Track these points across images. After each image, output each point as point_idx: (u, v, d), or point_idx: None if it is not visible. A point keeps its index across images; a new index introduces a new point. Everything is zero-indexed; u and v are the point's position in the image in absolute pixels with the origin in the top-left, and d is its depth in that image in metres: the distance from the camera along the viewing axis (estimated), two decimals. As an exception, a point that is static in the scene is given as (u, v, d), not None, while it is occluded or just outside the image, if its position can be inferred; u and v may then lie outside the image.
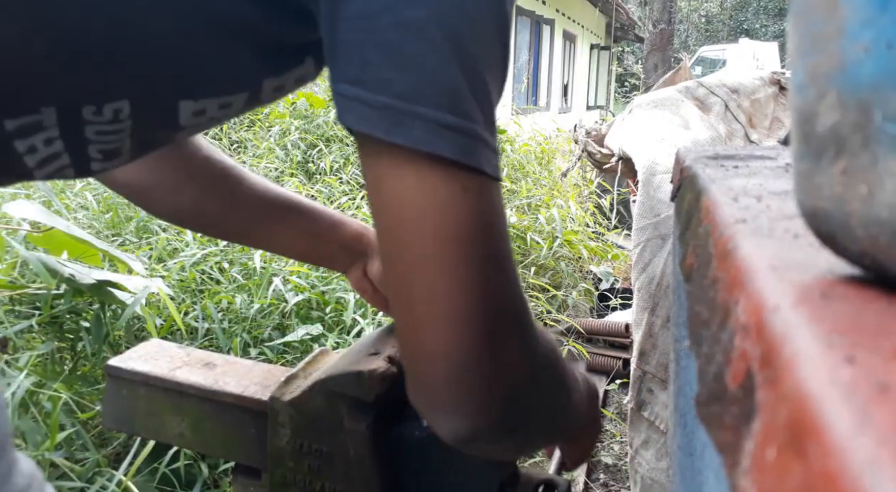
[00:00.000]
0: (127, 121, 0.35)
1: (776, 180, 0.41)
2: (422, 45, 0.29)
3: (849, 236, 0.20)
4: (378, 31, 0.29)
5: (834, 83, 0.19)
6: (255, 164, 2.29)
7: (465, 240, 0.30)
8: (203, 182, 0.56)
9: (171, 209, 0.58)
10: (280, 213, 0.58)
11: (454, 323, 0.30)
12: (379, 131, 0.29)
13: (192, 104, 0.36)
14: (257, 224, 0.58)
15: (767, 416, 0.17)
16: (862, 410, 0.13)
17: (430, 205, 0.30)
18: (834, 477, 0.12)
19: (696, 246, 0.36)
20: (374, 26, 0.29)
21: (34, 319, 1.01)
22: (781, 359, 0.17)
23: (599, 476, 1.56)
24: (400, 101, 0.29)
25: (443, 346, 0.31)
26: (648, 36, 7.39)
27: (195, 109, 0.37)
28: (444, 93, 0.29)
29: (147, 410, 0.56)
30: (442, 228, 0.30)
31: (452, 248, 0.30)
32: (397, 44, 0.29)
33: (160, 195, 0.56)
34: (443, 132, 0.29)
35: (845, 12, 0.18)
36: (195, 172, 0.56)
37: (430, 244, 0.30)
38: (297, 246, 0.62)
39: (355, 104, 0.30)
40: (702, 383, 0.26)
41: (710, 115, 1.22)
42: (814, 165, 0.21)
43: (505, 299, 0.32)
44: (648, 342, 1.00)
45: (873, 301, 0.20)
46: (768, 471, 0.16)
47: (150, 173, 0.54)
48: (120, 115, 0.34)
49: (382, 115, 0.29)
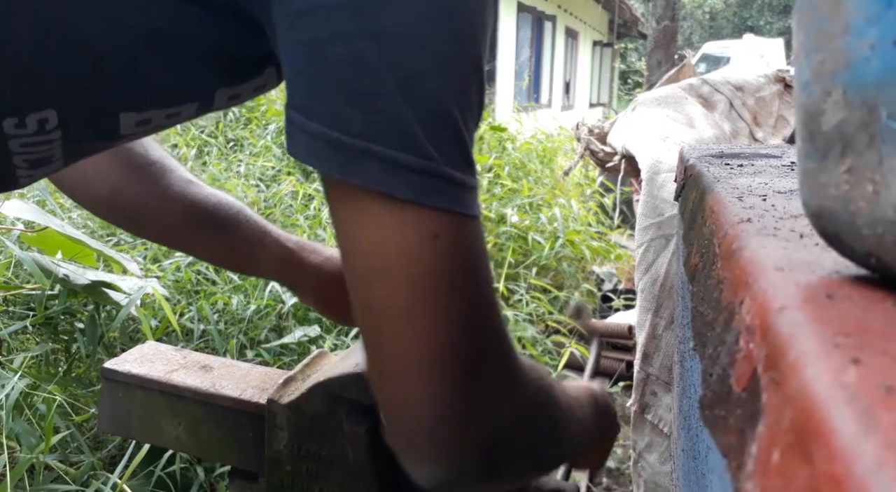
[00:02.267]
0: (55, 132, 0.33)
1: (781, 179, 0.41)
2: (375, 83, 0.27)
3: (854, 236, 0.20)
4: (330, 64, 0.28)
5: (839, 81, 0.19)
6: (251, 162, 2.29)
7: (437, 291, 0.29)
8: (122, 173, 0.53)
9: (90, 198, 0.55)
10: (198, 219, 0.55)
11: (426, 374, 0.29)
12: (333, 169, 0.28)
13: (134, 116, 0.35)
14: (172, 226, 0.56)
15: (772, 418, 0.17)
16: (868, 412, 0.13)
17: (397, 254, 0.28)
18: (839, 480, 0.12)
19: (700, 246, 0.36)
20: (326, 57, 0.28)
21: (28, 321, 1.01)
22: (787, 360, 0.17)
23: (602, 480, 1.56)
24: (353, 139, 0.27)
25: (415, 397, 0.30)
26: (652, 32, 7.37)
27: (139, 120, 0.35)
28: (399, 132, 0.28)
29: (143, 413, 0.56)
30: (412, 281, 0.28)
31: (423, 300, 0.29)
32: (350, 80, 0.27)
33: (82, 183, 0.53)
34: (400, 172, 0.27)
35: (851, 9, 0.18)
36: (116, 163, 0.53)
37: (401, 297, 0.29)
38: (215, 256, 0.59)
39: (307, 138, 0.28)
40: (706, 385, 0.26)
41: (715, 112, 1.22)
42: (819, 163, 0.20)
43: (482, 347, 0.31)
44: (652, 344, 1.00)
45: (879, 302, 0.20)
46: (773, 474, 0.15)
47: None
48: (46, 125, 0.33)
49: (336, 151, 0.28)
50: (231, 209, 0.56)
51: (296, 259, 0.58)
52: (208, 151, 2.47)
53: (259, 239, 0.57)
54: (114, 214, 0.57)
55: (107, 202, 0.54)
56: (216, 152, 2.45)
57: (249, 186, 2.07)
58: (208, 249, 0.59)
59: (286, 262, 0.58)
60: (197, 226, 0.55)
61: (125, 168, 0.53)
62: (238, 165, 2.29)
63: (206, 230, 0.56)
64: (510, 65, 6.77)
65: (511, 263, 1.97)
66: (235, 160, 2.35)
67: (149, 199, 0.54)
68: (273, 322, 1.36)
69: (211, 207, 0.55)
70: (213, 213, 0.55)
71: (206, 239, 0.57)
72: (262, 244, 0.57)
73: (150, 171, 0.54)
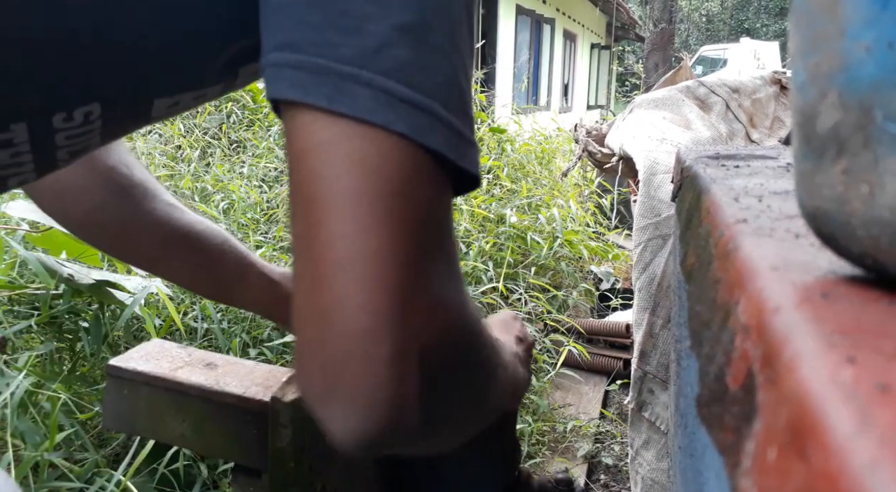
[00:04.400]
0: (97, 121, 0.33)
1: (777, 180, 0.41)
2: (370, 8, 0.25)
3: (850, 237, 0.20)
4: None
5: (835, 83, 0.19)
6: (254, 163, 2.29)
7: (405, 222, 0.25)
8: (103, 194, 0.51)
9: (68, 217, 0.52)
10: (179, 245, 0.52)
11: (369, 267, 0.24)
12: (317, 98, 0.24)
13: (167, 100, 0.34)
14: (152, 251, 0.53)
15: (768, 416, 0.17)
16: (863, 410, 0.13)
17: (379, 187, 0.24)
18: (835, 478, 0.12)
19: (696, 246, 0.36)
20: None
21: (33, 320, 1.01)
22: (782, 359, 0.17)
23: (600, 477, 1.56)
24: (343, 65, 0.24)
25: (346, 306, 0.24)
26: (649, 35, 7.38)
27: (170, 103, 0.35)
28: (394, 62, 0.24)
29: (148, 410, 0.56)
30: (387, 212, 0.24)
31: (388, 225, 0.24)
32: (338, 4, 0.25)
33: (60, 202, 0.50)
34: (394, 103, 0.24)
35: (846, 12, 0.18)
36: (97, 182, 0.51)
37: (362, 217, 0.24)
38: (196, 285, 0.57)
39: (286, 71, 0.25)
40: (703, 384, 0.26)
41: (711, 114, 1.22)
42: (815, 164, 0.21)
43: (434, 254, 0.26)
44: (649, 343, 1.00)
45: (874, 301, 0.20)
46: (769, 472, 0.16)
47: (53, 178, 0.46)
48: (90, 116, 0.32)
49: (321, 80, 0.24)
50: (216, 239, 0.54)
51: (281, 292, 0.56)
52: (212, 153, 2.47)
53: (242, 272, 0.55)
54: (91, 235, 0.54)
55: (84, 222, 0.52)
56: (219, 154, 2.45)
57: (252, 187, 2.07)
58: (189, 278, 0.56)
59: (269, 294, 0.56)
60: (178, 253, 0.53)
61: (107, 188, 0.51)
62: (241, 166, 2.29)
63: (188, 257, 0.53)
64: (509, 67, 6.78)
65: (510, 263, 1.97)
66: (238, 161, 2.35)
67: (130, 221, 0.51)
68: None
69: (195, 234, 0.53)
70: (196, 240, 0.53)
71: (186, 267, 0.54)
72: (244, 278, 0.55)
73: (132, 193, 0.52)
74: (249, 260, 0.56)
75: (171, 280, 0.59)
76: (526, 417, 1.58)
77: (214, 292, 0.58)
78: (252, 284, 0.55)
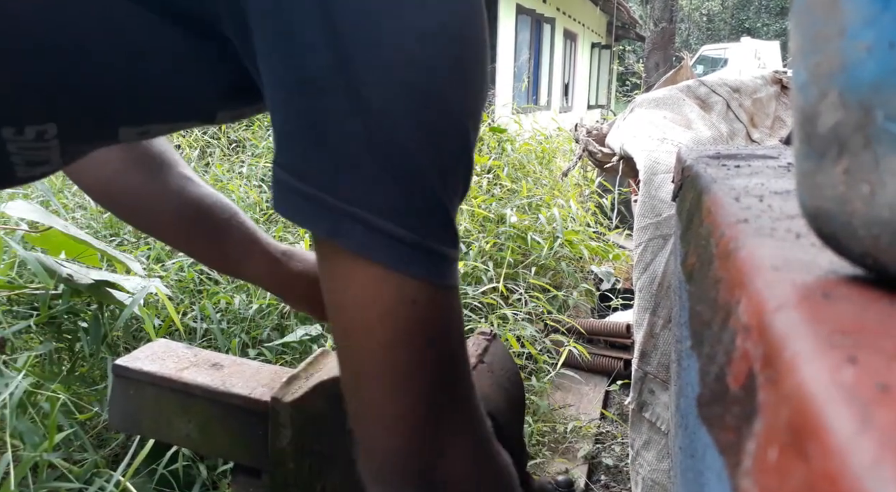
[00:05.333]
0: (53, 140, 0.34)
1: (778, 180, 0.41)
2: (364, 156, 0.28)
3: (851, 236, 0.20)
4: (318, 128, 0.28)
5: (835, 83, 0.19)
6: (253, 163, 2.29)
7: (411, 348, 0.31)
8: (121, 161, 0.53)
9: (88, 182, 0.54)
10: (190, 217, 0.55)
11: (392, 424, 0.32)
12: (319, 229, 0.30)
13: (134, 128, 0.36)
14: (164, 221, 0.55)
15: (769, 416, 0.17)
16: (863, 411, 0.13)
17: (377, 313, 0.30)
18: (835, 478, 0.12)
19: (697, 246, 0.36)
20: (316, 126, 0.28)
21: (32, 320, 1.01)
22: (783, 359, 0.17)
23: (601, 478, 1.56)
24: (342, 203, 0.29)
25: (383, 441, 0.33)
26: (650, 35, 7.38)
27: (138, 132, 0.36)
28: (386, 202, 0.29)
29: (154, 410, 0.56)
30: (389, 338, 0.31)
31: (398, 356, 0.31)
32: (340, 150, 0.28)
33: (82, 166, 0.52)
34: (383, 239, 0.29)
35: (847, 12, 0.18)
36: (116, 149, 0.52)
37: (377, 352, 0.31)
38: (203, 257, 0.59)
39: (295, 197, 0.29)
40: (703, 384, 0.26)
41: (712, 114, 1.22)
42: (816, 164, 0.21)
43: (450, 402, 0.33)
44: (650, 343, 1.00)
45: (875, 301, 0.20)
46: (770, 472, 0.16)
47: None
48: (45, 135, 0.34)
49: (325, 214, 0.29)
50: (225, 213, 0.56)
51: (282, 270, 0.58)
52: (211, 153, 2.47)
53: (248, 247, 0.57)
54: (108, 201, 0.56)
55: (103, 188, 0.54)
56: (219, 153, 2.45)
57: (251, 186, 2.07)
58: (197, 249, 0.58)
59: (271, 272, 0.58)
60: (189, 225, 0.55)
61: (124, 156, 0.53)
62: (240, 165, 2.29)
63: (197, 230, 0.55)
64: (509, 67, 6.78)
65: (510, 263, 1.97)
66: (238, 161, 2.35)
67: (144, 190, 0.54)
68: (275, 321, 1.37)
69: (206, 207, 0.55)
70: (206, 214, 0.55)
71: (196, 238, 0.56)
72: (249, 253, 0.57)
73: (149, 162, 0.53)
74: (255, 236, 0.58)
75: (185, 252, 0.62)
76: (526, 417, 1.58)
77: (223, 266, 0.60)
78: (256, 260, 0.57)
